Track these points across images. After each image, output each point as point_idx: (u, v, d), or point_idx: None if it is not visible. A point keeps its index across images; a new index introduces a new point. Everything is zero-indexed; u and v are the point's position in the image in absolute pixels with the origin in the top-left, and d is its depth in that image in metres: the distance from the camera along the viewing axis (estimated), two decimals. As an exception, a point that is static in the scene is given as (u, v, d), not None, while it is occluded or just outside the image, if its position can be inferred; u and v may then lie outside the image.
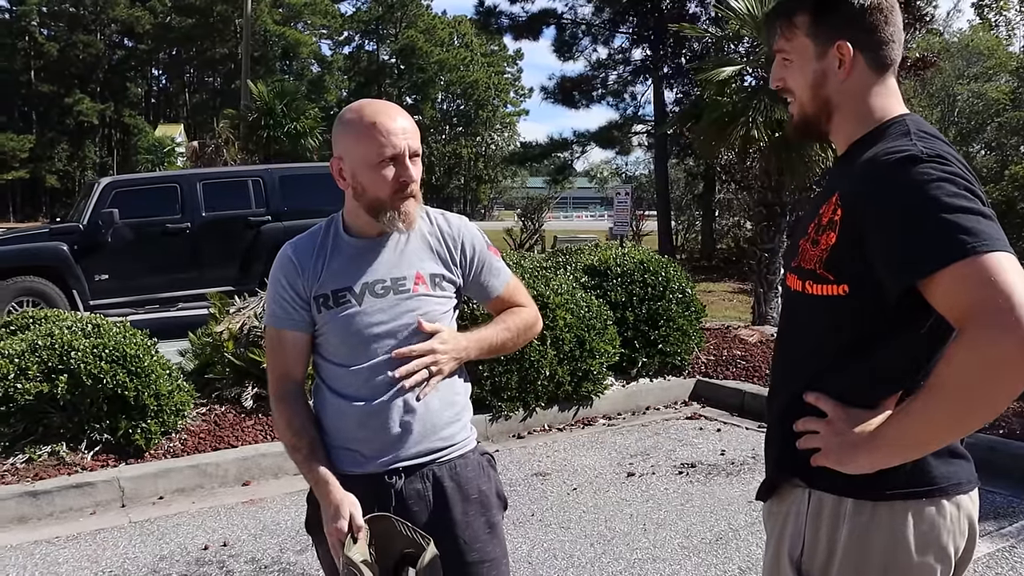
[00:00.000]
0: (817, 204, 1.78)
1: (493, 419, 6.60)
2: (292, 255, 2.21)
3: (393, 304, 2.15)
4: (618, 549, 4.54)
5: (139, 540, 4.75)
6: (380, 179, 2.10)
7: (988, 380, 1.44)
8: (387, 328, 2.14)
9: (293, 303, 2.18)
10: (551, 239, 26.80)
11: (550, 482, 5.61)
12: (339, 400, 2.15)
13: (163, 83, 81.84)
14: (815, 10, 1.77)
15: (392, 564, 2.02)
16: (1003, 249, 1.46)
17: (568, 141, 31.47)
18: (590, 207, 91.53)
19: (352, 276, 2.17)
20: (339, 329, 2.15)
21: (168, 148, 45.46)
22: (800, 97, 1.83)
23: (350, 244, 2.21)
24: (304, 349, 2.21)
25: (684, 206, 32.24)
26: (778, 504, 1.84)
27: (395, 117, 2.11)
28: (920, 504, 1.66)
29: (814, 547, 1.73)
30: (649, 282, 7.90)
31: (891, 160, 1.59)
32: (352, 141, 2.11)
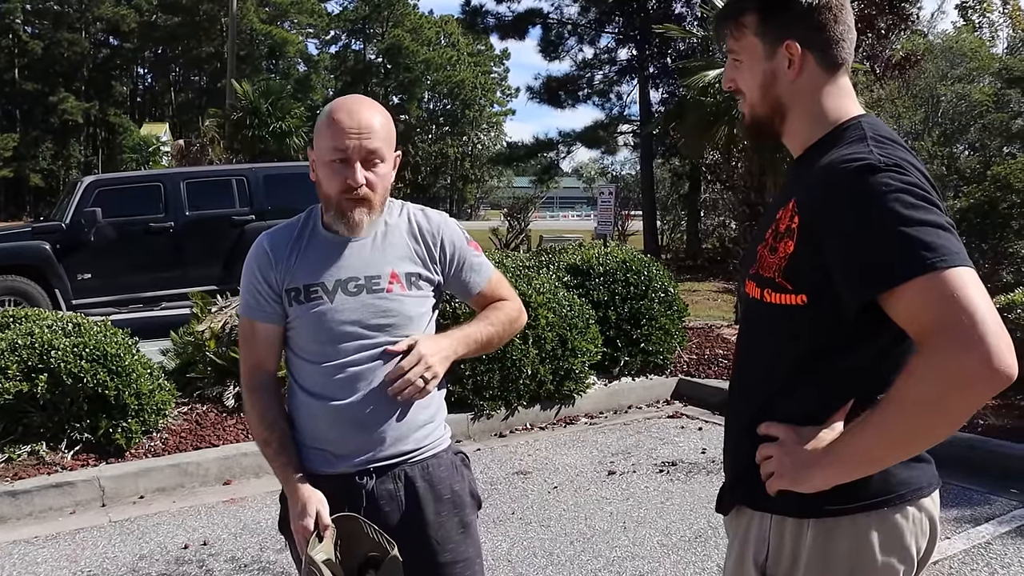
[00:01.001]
0: (775, 208, 1.75)
1: (475, 418, 6.61)
2: (267, 246, 2.19)
3: (366, 303, 2.11)
4: (598, 547, 4.56)
5: (119, 540, 4.74)
6: (329, 177, 2.10)
7: (950, 396, 1.43)
8: (358, 327, 2.10)
9: (266, 295, 2.16)
10: (537, 239, 26.76)
11: (531, 481, 5.63)
12: (310, 399, 2.13)
13: (148, 82, 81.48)
14: (763, 9, 1.73)
15: (357, 565, 2.00)
16: (963, 264, 1.45)
17: (554, 141, 31.46)
18: (576, 207, 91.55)
19: (325, 272, 2.13)
20: (309, 325, 2.12)
21: (153, 147, 45.32)
22: (750, 98, 1.80)
23: (326, 239, 2.17)
24: (276, 341, 2.20)
25: (670, 206, 32.21)
26: (739, 513, 1.83)
27: (357, 115, 2.07)
28: (883, 513, 1.65)
29: (779, 552, 1.71)
30: (631, 281, 7.92)
31: (849, 169, 1.56)
32: (317, 134, 2.12)
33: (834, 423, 1.65)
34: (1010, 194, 19.53)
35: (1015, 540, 4.59)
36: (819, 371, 1.66)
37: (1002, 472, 5.47)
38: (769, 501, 1.69)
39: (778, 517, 1.71)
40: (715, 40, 2.01)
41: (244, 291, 2.20)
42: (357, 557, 2.00)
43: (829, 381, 1.66)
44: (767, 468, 1.68)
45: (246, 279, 2.19)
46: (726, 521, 1.90)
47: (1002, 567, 4.26)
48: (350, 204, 2.10)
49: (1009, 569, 4.24)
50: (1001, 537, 4.63)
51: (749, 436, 1.74)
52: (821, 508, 1.63)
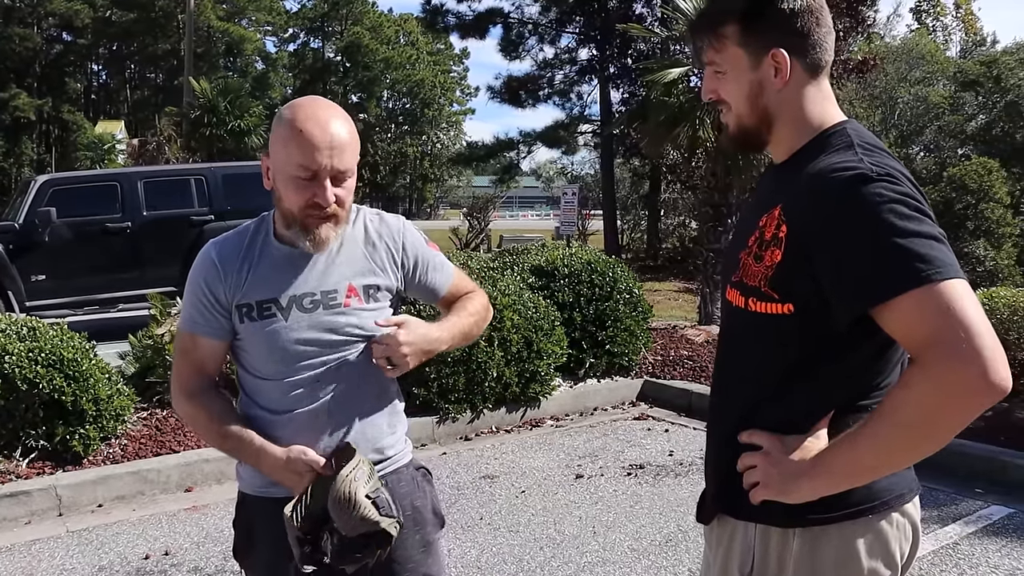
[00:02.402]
0: (756, 214, 1.72)
1: (440, 421, 6.55)
2: (215, 257, 2.04)
3: (322, 320, 2.01)
4: (568, 552, 4.52)
5: (77, 550, 4.61)
6: (294, 193, 1.94)
7: (947, 409, 1.44)
8: (314, 346, 2.01)
9: (213, 309, 2.02)
10: (497, 238, 26.82)
11: (498, 485, 5.57)
12: (264, 413, 2.04)
13: (103, 79, 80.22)
14: (744, 19, 1.69)
15: (319, 512, 1.90)
16: (957, 276, 1.44)
17: (514, 141, 31.50)
18: (536, 206, 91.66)
19: (279, 287, 2.01)
20: (263, 343, 2.01)
21: (108, 145, 44.60)
22: (737, 109, 1.75)
23: (279, 251, 2.04)
24: (220, 356, 2.09)
25: (630, 205, 32.43)
26: (721, 522, 1.80)
27: (327, 127, 1.91)
28: (868, 520, 1.64)
29: (764, 562, 1.69)
30: (596, 283, 7.90)
31: (841, 178, 1.54)
32: (279, 144, 1.94)
33: (818, 431, 1.63)
34: (965, 195, 19.86)
35: (982, 540, 4.61)
36: (807, 379, 1.63)
37: (968, 472, 5.51)
38: (753, 511, 1.67)
39: (763, 527, 1.69)
40: (694, 56, 1.98)
41: (188, 304, 2.06)
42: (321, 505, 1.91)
43: (817, 389, 1.64)
44: (751, 478, 1.65)
45: (191, 292, 2.05)
46: (707, 531, 1.87)
47: (970, 567, 4.28)
48: (316, 221, 1.96)
49: (977, 569, 4.26)
50: (968, 537, 4.65)
51: (733, 445, 1.71)
52: (806, 517, 1.62)
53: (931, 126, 30.96)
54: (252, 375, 2.06)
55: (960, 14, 40.08)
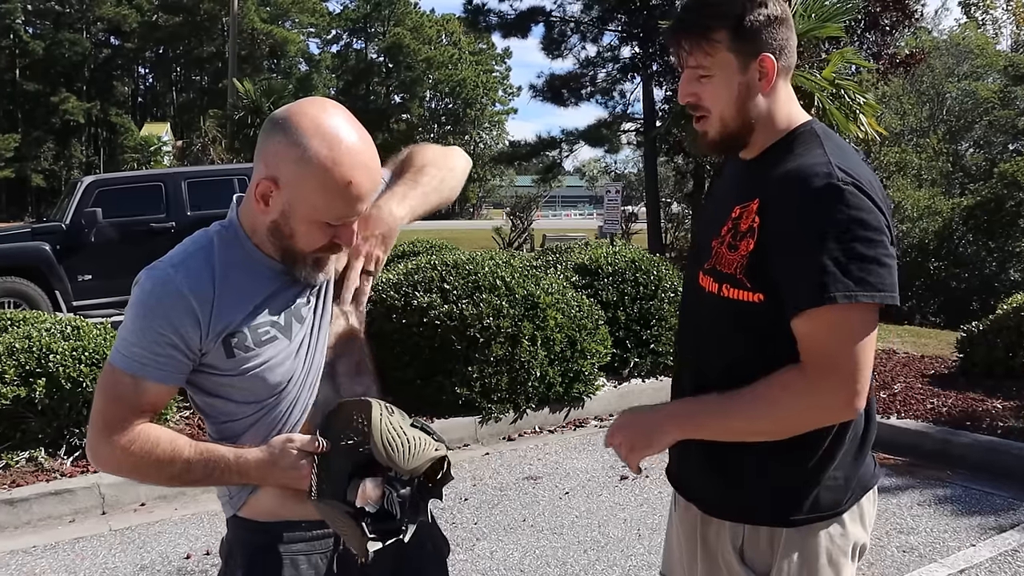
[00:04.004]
0: (728, 205, 1.80)
1: (483, 421, 6.48)
2: (186, 289, 1.65)
3: (319, 324, 1.79)
4: (612, 556, 4.43)
5: (119, 549, 4.61)
6: (316, 237, 1.68)
7: (806, 415, 1.67)
8: (322, 355, 1.78)
9: (176, 351, 1.65)
10: (540, 238, 26.73)
11: (541, 486, 5.49)
12: (221, 425, 1.78)
13: (150, 82, 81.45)
14: (736, 25, 1.73)
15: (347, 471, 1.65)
16: (876, 299, 1.60)
17: (557, 139, 31.33)
18: (579, 205, 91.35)
19: (276, 303, 1.73)
20: (262, 372, 1.70)
21: (154, 147, 45.25)
22: (722, 112, 1.78)
23: (265, 265, 1.74)
24: (166, 400, 1.74)
25: (674, 203, 32.15)
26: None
27: (373, 168, 1.67)
28: (826, 523, 1.80)
29: (755, 538, 1.81)
30: (641, 281, 7.80)
31: (811, 187, 1.64)
32: (310, 187, 1.62)
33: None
34: (1017, 192, 19.42)
35: (1043, 547, 4.46)
36: (768, 364, 1.71)
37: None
38: (737, 515, 1.83)
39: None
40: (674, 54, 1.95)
41: (138, 343, 1.65)
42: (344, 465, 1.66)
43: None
44: (622, 452, 1.85)
45: (147, 329, 1.64)
46: (679, 506, 2.04)
47: (1031, 576, 4.13)
48: (326, 258, 1.76)
49: (1038, 578, 4.11)
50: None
51: (707, 443, 1.81)
52: (788, 519, 1.77)
53: (981, 121, 30.38)
54: (227, 400, 1.75)
55: (1011, 7, 39.28)
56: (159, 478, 1.72)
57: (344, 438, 1.65)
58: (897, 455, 5.85)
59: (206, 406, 1.78)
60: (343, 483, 1.63)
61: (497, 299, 6.51)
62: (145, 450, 1.67)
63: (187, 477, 1.69)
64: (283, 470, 1.68)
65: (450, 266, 6.83)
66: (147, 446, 1.67)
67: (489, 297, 6.50)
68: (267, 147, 1.65)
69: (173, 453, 1.68)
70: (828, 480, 1.76)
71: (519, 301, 6.59)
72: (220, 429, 1.78)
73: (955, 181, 25.98)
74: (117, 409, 1.67)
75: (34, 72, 67.50)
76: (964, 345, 7.56)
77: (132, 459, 1.68)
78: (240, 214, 1.77)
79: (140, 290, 1.68)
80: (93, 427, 1.69)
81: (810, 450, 1.74)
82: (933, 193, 22.04)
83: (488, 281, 6.63)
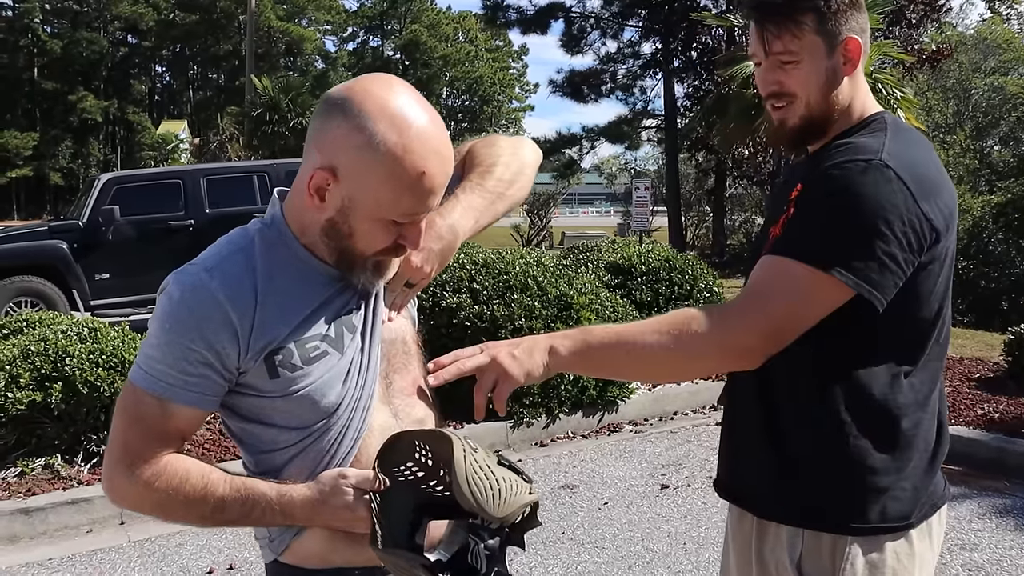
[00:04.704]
0: (787, 191, 1.71)
1: (514, 426, 6.24)
2: (222, 296, 1.40)
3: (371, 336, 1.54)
4: (659, 572, 4.18)
5: (139, 562, 4.40)
6: (379, 237, 1.43)
7: (706, 349, 1.58)
8: (376, 372, 1.52)
9: (210, 371, 1.41)
10: (559, 235, 26.57)
11: (579, 496, 5.24)
12: (256, 455, 1.54)
13: (167, 80, 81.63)
14: (823, 6, 1.65)
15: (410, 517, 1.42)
16: (841, 279, 1.50)
17: (577, 136, 31.22)
18: (596, 203, 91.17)
19: (327, 314, 1.48)
20: (311, 393, 1.45)
21: (172, 145, 45.27)
22: (808, 98, 1.69)
23: (316, 270, 1.49)
24: (197, 426, 1.51)
25: (694, 201, 31.91)
26: None
27: (444, 163, 1.41)
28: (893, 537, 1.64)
29: (816, 548, 1.64)
30: (675, 280, 7.57)
31: (846, 156, 1.58)
32: (376, 179, 1.37)
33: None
34: (1049, 189, 19.04)
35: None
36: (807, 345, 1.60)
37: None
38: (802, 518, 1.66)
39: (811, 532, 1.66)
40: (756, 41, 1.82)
41: (164, 360, 1.40)
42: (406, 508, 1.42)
43: (814, 355, 1.62)
44: (487, 385, 1.58)
45: (175, 346, 1.40)
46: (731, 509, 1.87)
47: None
48: (389, 261, 1.52)
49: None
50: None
51: (767, 440, 1.69)
52: (852, 526, 1.61)
53: (1008, 117, 29.88)
54: (267, 426, 1.50)
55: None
56: (187, 517, 1.48)
57: (402, 473, 1.40)
58: (949, 463, 5.56)
59: (242, 433, 1.53)
60: (406, 524, 1.39)
61: (529, 299, 6.27)
62: (172, 486, 1.42)
63: (220, 517, 1.45)
64: (334, 510, 1.42)
65: (480, 265, 6.59)
66: (174, 481, 1.42)
67: (521, 297, 6.26)
68: (324, 132, 1.40)
69: (205, 490, 1.43)
70: (896, 489, 1.62)
71: (552, 302, 6.35)
72: (259, 461, 1.53)
73: (982, 178, 25.57)
74: (139, 436, 1.42)
75: (52, 71, 67.66)
76: (1012, 348, 7.26)
77: (156, 496, 1.43)
78: (286, 211, 1.51)
79: (167, 298, 1.43)
80: (111, 456, 1.45)
81: (877, 450, 1.61)
82: (961, 191, 21.67)
83: (520, 281, 6.40)
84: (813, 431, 1.64)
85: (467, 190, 1.64)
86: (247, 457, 1.56)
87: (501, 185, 1.69)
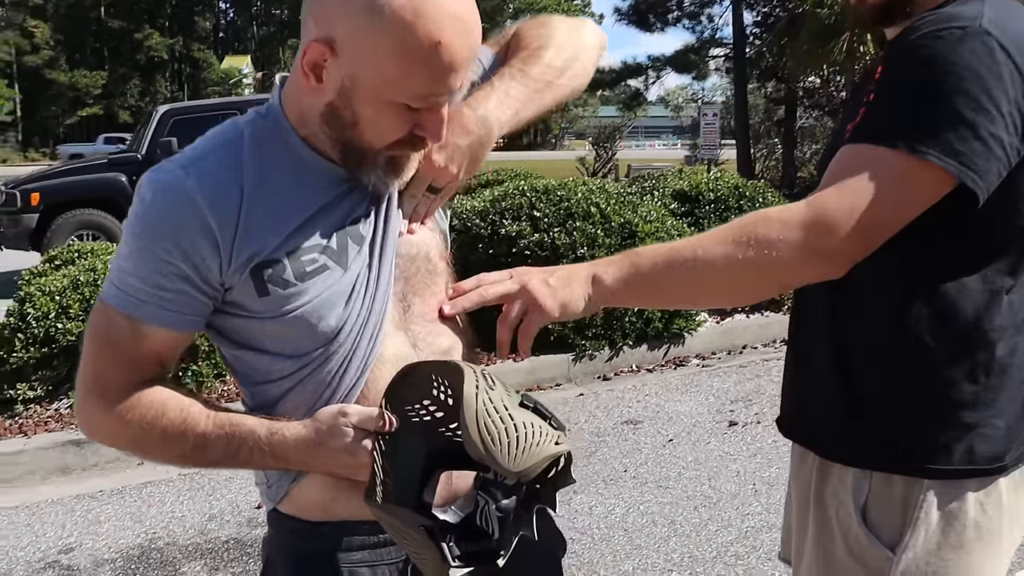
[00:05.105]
0: (865, 93, 1.37)
1: (576, 359, 6.02)
2: (199, 198, 1.16)
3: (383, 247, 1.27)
4: (727, 514, 3.94)
5: (188, 496, 4.29)
6: (390, 125, 1.16)
7: (777, 257, 1.26)
8: (387, 291, 1.26)
9: (186, 287, 1.18)
10: (624, 168, 26.14)
11: (643, 432, 5.01)
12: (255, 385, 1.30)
13: (230, 16, 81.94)
14: None
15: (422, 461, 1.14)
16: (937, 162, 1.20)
17: (642, 66, 30.43)
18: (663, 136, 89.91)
19: (328, 220, 1.22)
20: (307, 314, 1.20)
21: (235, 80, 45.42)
22: None
23: (317, 168, 1.23)
24: (175, 352, 1.26)
25: (763, 133, 31.12)
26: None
27: (468, 33, 1.13)
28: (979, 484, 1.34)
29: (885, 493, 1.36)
30: (745, 208, 7.21)
31: (937, 25, 1.26)
32: (382, 51, 1.10)
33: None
34: None
35: None
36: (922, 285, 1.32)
37: None
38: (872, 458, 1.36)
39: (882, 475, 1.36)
40: None
41: (136, 273, 1.18)
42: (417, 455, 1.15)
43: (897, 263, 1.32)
44: (513, 318, 1.31)
45: (146, 257, 1.17)
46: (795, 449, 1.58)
47: None
48: (406, 157, 1.24)
49: None
50: None
51: (835, 369, 1.39)
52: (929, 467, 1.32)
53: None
54: (259, 352, 1.26)
55: None
56: (166, 455, 1.26)
57: (416, 412, 1.13)
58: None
59: (235, 360, 1.29)
60: (415, 478, 1.12)
61: (592, 227, 6.00)
62: (147, 419, 1.21)
63: (203, 457, 1.23)
64: (332, 454, 1.18)
65: (540, 192, 6.32)
66: (149, 414, 1.21)
67: (583, 225, 6.00)
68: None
69: (184, 425, 1.21)
70: (986, 426, 1.32)
71: (615, 230, 6.08)
72: (253, 393, 1.30)
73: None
74: (110, 363, 1.21)
75: (118, 9, 68.28)
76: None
77: (130, 430, 1.22)
78: (284, 98, 1.25)
79: (139, 201, 1.18)
80: (81, 385, 1.24)
81: (966, 380, 1.32)
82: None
83: (582, 208, 6.12)
84: (890, 357, 1.35)
85: (507, 77, 1.35)
86: (242, 389, 1.32)
87: (550, 72, 1.38)
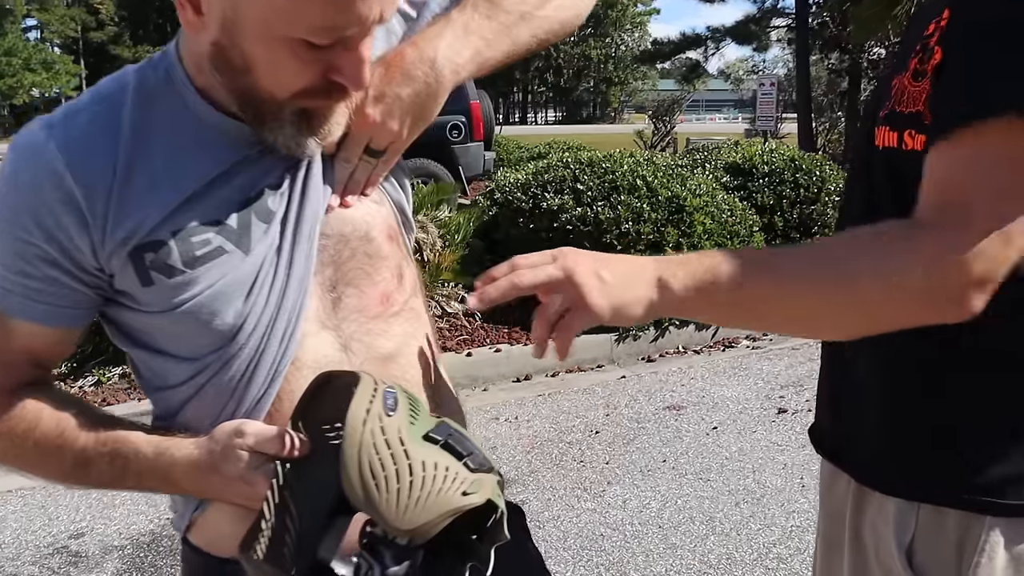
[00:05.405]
0: (922, 26, 1.08)
1: (619, 339, 5.77)
2: (61, 165, 0.93)
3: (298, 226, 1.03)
4: (771, 511, 3.67)
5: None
6: (290, 67, 0.90)
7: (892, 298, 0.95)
8: (305, 279, 1.02)
9: (54, 272, 0.96)
10: (683, 141, 25.78)
11: (685, 418, 4.75)
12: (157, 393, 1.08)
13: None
14: None
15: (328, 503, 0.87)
16: None
17: (702, 37, 29.92)
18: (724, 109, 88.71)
19: (225, 192, 0.99)
20: (198, 308, 0.98)
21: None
22: None
23: (216, 125, 0.99)
24: (52, 350, 1.05)
25: (826, 106, 30.41)
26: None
27: None
28: None
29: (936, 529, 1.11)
30: (801, 183, 6.91)
31: None
32: None
33: None
34: None
35: None
36: None
37: None
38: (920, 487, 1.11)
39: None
40: None
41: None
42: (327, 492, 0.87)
43: None
44: (552, 313, 1.01)
45: (5, 236, 0.96)
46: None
47: None
48: (324, 109, 0.97)
49: None
50: None
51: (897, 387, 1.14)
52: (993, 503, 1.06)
53: None
54: (153, 353, 1.04)
55: None
56: (48, 473, 1.05)
57: (335, 432, 0.86)
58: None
59: (137, 361, 1.08)
60: (318, 522, 0.85)
61: (637, 201, 5.73)
62: (19, 431, 1.00)
63: (86, 477, 1.02)
64: (227, 481, 0.95)
65: (584, 165, 6.08)
66: (21, 426, 1.00)
67: (628, 199, 5.73)
68: None
69: (61, 439, 1.00)
70: None
71: (662, 204, 5.80)
72: (156, 400, 1.09)
73: None
74: None
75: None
76: None
77: (1, 443, 1.02)
78: (181, 43, 1.01)
79: (2, 166, 0.96)
80: None
81: None
82: None
83: (627, 181, 5.86)
84: (955, 368, 1.09)
85: (468, 7, 1.07)
86: (147, 396, 1.11)
87: (525, 3, 1.10)
